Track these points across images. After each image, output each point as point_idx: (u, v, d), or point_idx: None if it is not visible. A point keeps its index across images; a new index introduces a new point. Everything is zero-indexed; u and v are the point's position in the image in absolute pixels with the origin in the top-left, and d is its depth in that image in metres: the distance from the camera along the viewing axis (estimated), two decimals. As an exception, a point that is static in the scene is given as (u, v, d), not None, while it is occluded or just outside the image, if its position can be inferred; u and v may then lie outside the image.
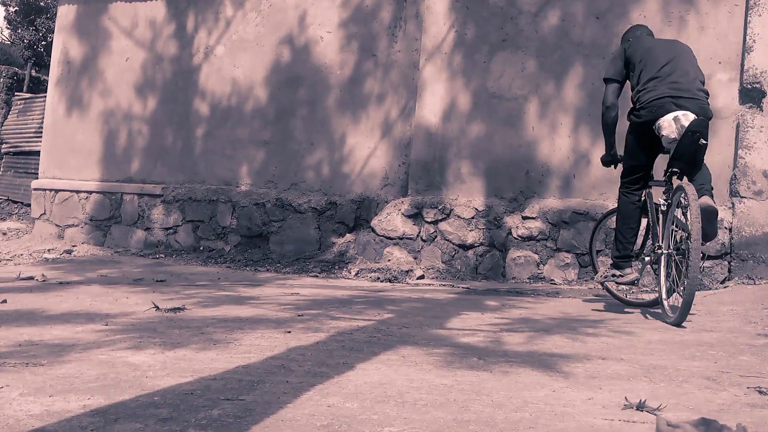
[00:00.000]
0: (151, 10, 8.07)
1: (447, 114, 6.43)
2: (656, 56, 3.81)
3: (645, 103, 3.73)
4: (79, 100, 8.47)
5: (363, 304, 4.39)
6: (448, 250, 6.24)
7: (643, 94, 3.76)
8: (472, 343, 3.08)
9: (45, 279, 5.42)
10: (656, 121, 3.68)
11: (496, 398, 2.13)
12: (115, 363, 2.50)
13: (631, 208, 4.01)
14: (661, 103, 3.65)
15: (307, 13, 7.24)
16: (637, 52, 3.93)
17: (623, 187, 4.06)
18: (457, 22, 6.43)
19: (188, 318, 3.63)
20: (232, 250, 7.32)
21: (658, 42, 4.03)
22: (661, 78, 3.72)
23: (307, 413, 1.92)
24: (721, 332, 3.51)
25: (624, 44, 4.14)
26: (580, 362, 2.70)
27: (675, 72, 3.70)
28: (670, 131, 3.65)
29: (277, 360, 2.62)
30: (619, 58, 4.04)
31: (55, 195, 8.55)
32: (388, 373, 2.45)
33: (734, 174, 5.45)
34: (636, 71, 3.87)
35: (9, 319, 3.47)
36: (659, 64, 3.77)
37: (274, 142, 7.32)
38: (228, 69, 7.60)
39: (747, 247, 5.34)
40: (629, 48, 4.01)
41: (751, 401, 2.14)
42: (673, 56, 3.79)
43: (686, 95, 3.64)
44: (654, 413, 1.96)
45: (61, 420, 1.82)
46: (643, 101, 3.74)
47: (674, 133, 3.64)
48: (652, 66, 3.78)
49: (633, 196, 4.03)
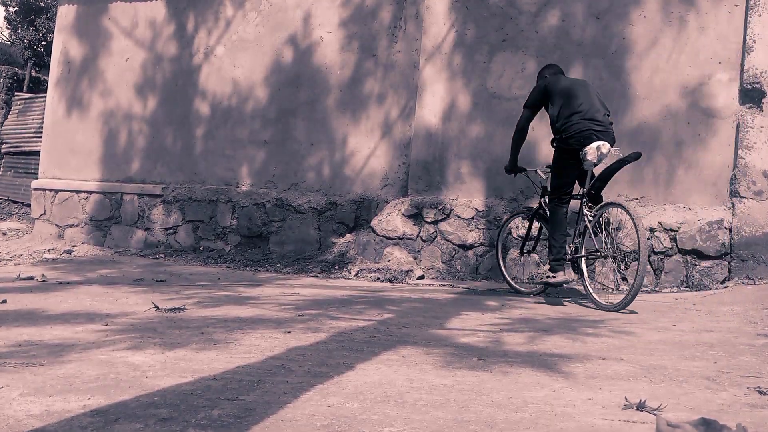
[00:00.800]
0: (151, 10, 8.07)
1: (447, 114, 6.43)
2: (574, 94, 4.63)
3: (574, 133, 4.54)
4: (79, 100, 8.47)
5: (363, 304, 4.39)
6: (448, 250, 6.24)
7: (569, 126, 4.56)
8: (472, 343, 3.08)
9: (45, 279, 5.42)
10: (583, 148, 4.52)
11: (496, 398, 2.13)
12: (115, 363, 2.50)
13: (562, 218, 4.74)
14: (587, 135, 4.51)
15: (307, 13, 7.24)
16: (556, 88, 4.73)
17: (554, 200, 4.75)
18: (457, 22, 6.43)
19: (188, 318, 3.63)
20: (232, 250, 7.32)
21: (571, 81, 4.84)
22: (582, 113, 4.55)
23: (307, 413, 1.92)
24: (721, 332, 3.51)
25: (542, 80, 4.92)
26: (580, 362, 2.70)
27: (591, 109, 4.56)
28: (593, 157, 4.53)
29: (277, 360, 2.62)
30: (539, 93, 4.84)
31: (55, 195, 8.56)
32: (388, 373, 2.45)
33: (734, 174, 5.45)
34: (556, 105, 4.68)
35: (9, 319, 3.47)
36: (578, 101, 4.59)
37: (274, 142, 7.32)
38: (228, 69, 7.60)
39: (747, 247, 5.34)
40: (549, 84, 4.79)
41: (751, 401, 2.14)
42: (586, 94, 4.64)
43: (603, 129, 4.55)
44: (654, 413, 1.96)
45: (61, 420, 1.82)
46: (571, 132, 4.55)
47: (595, 158, 4.53)
48: (572, 102, 4.60)
49: (563, 208, 4.76)
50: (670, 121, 5.71)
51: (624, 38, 5.86)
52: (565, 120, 4.58)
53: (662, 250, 5.60)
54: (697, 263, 5.50)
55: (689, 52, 5.66)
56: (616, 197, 5.90)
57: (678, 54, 5.70)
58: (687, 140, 5.66)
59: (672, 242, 5.58)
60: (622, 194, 5.83)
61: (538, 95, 4.83)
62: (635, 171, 5.81)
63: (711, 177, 5.57)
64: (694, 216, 5.56)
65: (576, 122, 4.53)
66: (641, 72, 5.80)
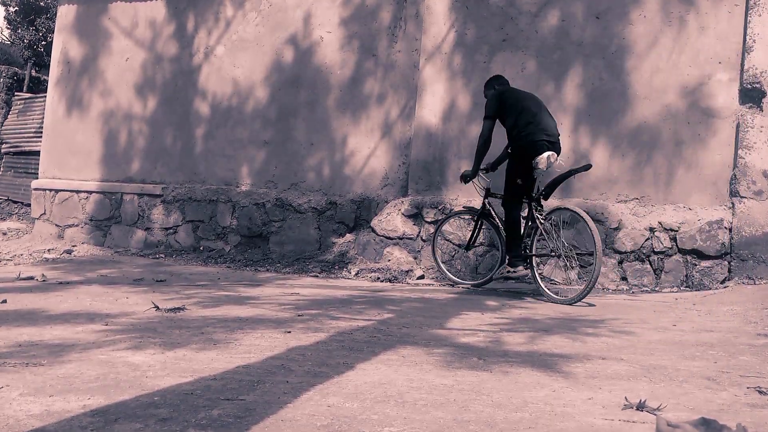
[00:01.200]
0: (151, 10, 8.07)
1: (447, 114, 6.43)
2: (528, 106, 5.04)
3: (530, 143, 4.93)
4: (79, 100, 8.47)
5: (363, 304, 4.39)
6: (448, 250, 6.23)
7: (526, 135, 4.94)
8: (472, 343, 3.08)
9: (45, 279, 5.42)
10: (536, 157, 4.92)
11: (496, 398, 2.13)
12: (115, 363, 2.50)
13: (518, 218, 5.12)
14: (541, 145, 4.90)
15: (307, 13, 7.24)
16: (510, 99, 5.11)
17: (510, 203, 5.12)
18: (457, 22, 6.43)
19: (188, 318, 3.63)
20: (232, 250, 7.32)
21: (524, 93, 5.27)
22: (536, 124, 4.95)
23: (307, 413, 1.92)
24: (721, 332, 3.51)
25: (494, 91, 5.25)
26: (580, 362, 2.70)
27: (543, 121, 4.99)
28: (543, 165, 4.95)
29: (277, 360, 2.62)
30: (497, 102, 5.13)
31: (55, 195, 8.56)
32: (388, 373, 2.45)
33: (734, 174, 5.45)
34: (512, 115, 5.05)
35: (9, 319, 3.47)
36: (532, 112, 5.00)
37: (274, 142, 7.32)
38: (228, 69, 7.60)
39: (747, 247, 5.34)
40: (504, 95, 5.16)
41: (751, 401, 2.14)
42: (538, 106, 5.09)
43: (554, 140, 4.99)
44: (654, 413, 1.96)
45: (61, 420, 1.82)
46: (527, 141, 4.93)
47: (545, 167, 4.95)
48: (527, 113, 4.99)
49: (518, 209, 5.13)
50: (670, 121, 5.71)
51: (624, 38, 5.86)
52: (523, 129, 4.97)
53: (662, 249, 5.61)
54: (697, 263, 5.50)
55: (689, 52, 5.66)
56: (616, 196, 5.91)
57: (678, 54, 5.70)
58: (687, 140, 5.66)
59: (672, 242, 5.58)
60: (622, 194, 5.83)
61: (497, 105, 5.13)
62: (635, 171, 5.81)
63: (711, 177, 5.57)
64: (694, 216, 5.56)
65: (532, 132, 4.93)
66: (641, 72, 5.80)
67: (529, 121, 4.96)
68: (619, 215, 5.78)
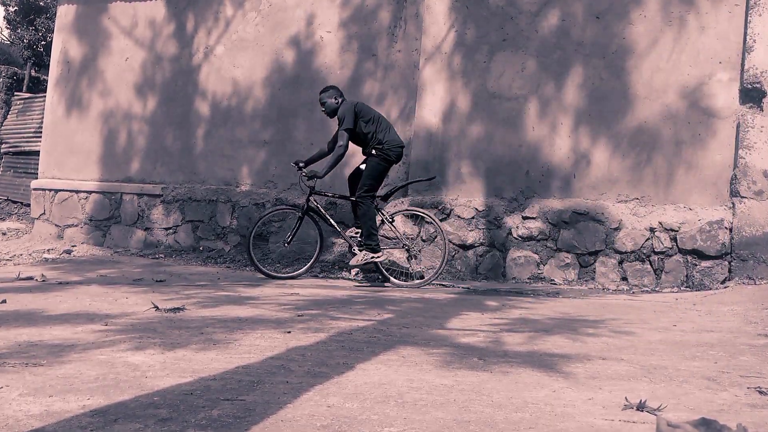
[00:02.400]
0: (151, 9, 8.07)
1: (447, 114, 6.43)
2: (378, 117, 5.75)
3: (393, 149, 5.65)
4: (78, 100, 8.47)
5: (363, 304, 4.39)
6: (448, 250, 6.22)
7: (387, 143, 5.63)
8: (472, 343, 3.07)
9: (44, 279, 5.41)
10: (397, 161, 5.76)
11: (497, 398, 2.13)
12: (114, 363, 2.50)
13: (374, 212, 5.70)
14: (399, 151, 5.70)
15: (307, 13, 7.24)
16: (362, 111, 5.69)
17: (368, 199, 5.65)
18: (457, 22, 6.43)
19: (188, 318, 3.62)
20: (232, 250, 7.32)
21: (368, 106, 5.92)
22: (391, 133, 5.70)
23: (307, 413, 1.92)
24: (722, 332, 3.51)
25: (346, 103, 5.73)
26: (580, 362, 2.70)
27: (393, 129, 5.79)
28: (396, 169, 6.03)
29: (276, 360, 2.61)
30: (353, 114, 5.63)
31: (55, 195, 8.55)
32: (388, 373, 2.45)
33: (734, 174, 5.44)
34: (371, 123, 5.67)
35: (8, 319, 3.47)
36: (384, 122, 5.75)
37: (274, 142, 7.31)
38: (228, 69, 7.60)
39: (747, 247, 5.34)
40: (357, 106, 5.69)
41: (752, 401, 2.14)
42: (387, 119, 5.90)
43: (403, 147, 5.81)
44: (654, 413, 1.96)
45: (61, 420, 1.81)
46: (390, 147, 5.63)
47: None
48: (383, 123, 5.72)
49: (374, 204, 5.71)
50: (671, 120, 5.70)
51: (624, 38, 5.86)
52: (385, 135, 5.64)
53: (662, 250, 5.60)
54: (698, 263, 5.50)
55: (689, 52, 5.66)
56: (616, 196, 5.90)
57: (678, 54, 5.69)
58: (687, 140, 5.66)
59: (672, 242, 5.58)
60: (622, 194, 5.83)
61: (354, 116, 5.62)
62: (635, 171, 5.81)
63: (711, 177, 5.57)
64: (694, 216, 5.55)
65: (392, 139, 5.67)
66: (641, 72, 5.80)
67: (387, 129, 5.69)
68: (619, 215, 5.78)
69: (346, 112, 5.62)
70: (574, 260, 5.88)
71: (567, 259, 5.90)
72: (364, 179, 5.68)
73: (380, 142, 5.63)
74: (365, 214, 5.64)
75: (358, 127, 5.66)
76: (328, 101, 5.76)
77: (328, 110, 5.78)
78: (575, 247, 5.89)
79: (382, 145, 5.63)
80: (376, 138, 5.65)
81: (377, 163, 5.66)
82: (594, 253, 5.82)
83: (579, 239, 5.87)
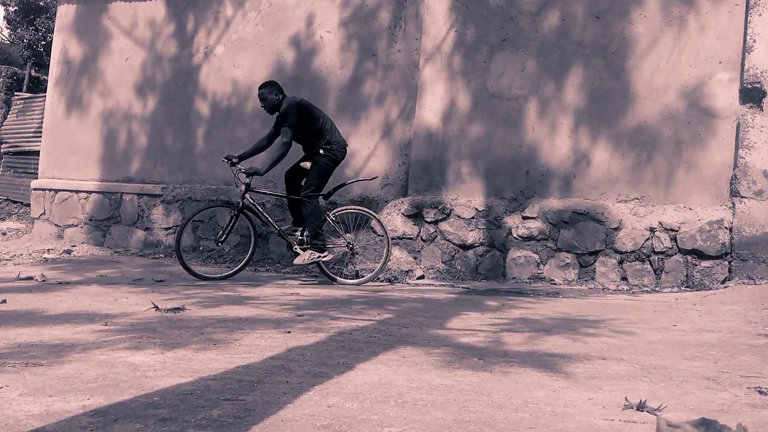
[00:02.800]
0: (151, 9, 8.07)
1: (447, 114, 6.43)
2: (325, 116, 5.72)
3: (340, 149, 5.67)
4: (78, 100, 8.46)
5: (363, 304, 4.39)
6: (448, 250, 6.23)
7: (336, 143, 5.64)
8: (472, 343, 3.07)
9: (44, 279, 5.41)
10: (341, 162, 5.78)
11: (497, 398, 2.13)
12: (114, 363, 2.50)
13: (320, 210, 5.67)
14: (344, 152, 5.73)
15: (307, 13, 7.24)
16: (308, 109, 5.62)
17: (314, 198, 5.62)
18: (457, 22, 6.43)
19: (188, 318, 3.62)
20: (232, 250, 7.31)
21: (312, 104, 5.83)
22: (337, 134, 5.71)
23: (307, 413, 1.92)
24: (722, 332, 3.51)
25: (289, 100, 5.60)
26: (580, 362, 2.70)
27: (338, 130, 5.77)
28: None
29: (277, 360, 2.62)
30: (298, 113, 5.54)
31: (55, 195, 8.55)
32: (388, 373, 2.45)
33: (734, 174, 5.44)
34: (318, 121, 5.62)
35: (8, 319, 3.47)
36: (330, 122, 5.73)
37: (273, 142, 7.31)
38: (228, 69, 7.60)
39: (747, 247, 5.34)
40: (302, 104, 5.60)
41: (752, 401, 2.14)
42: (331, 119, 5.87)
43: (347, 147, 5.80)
44: (654, 413, 1.96)
45: (61, 420, 1.81)
46: (338, 147, 5.65)
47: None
48: (327, 123, 5.68)
49: (319, 203, 5.70)
50: (671, 120, 5.70)
51: (624, 38, 5.86)
52: (333, 135, 5.64)
53: (662, 250, 5.60)
54: (698, 263, 5.50)
55: (689, 52, 5.66)
56: (616, 196, 5.90)
57: (678, 54, 5.69)
58: (687, 140, 5.66)
59: (672, 242, 5.58)
60: (622, 194, 5.83)
61: (298, 114, 5.54)
62: (635, 171, 5.81)
63: (711, 177, 5.57)
64: (694, 216, 5.55)
65: (339, 140, 5.68)
66: (641, 72, 5.80)
67: (330, 129, 5.67)
68: (619, 215, 5.78)
69: (291, 110, 5.52)
70: (574, 260, 5.88)
71: (567, 259, 5.90)
72: (312, 179, 5.61)
73: (329, 142, 5.61)
74: (312, 214, 5.59)
75: (305, 126, 5.58)
76: (269, 97, 5.64)
77: (268, 106, 5.65)
78: (575, 247, 5.89)
79: (330, 145, 5.61)
80: (325, 138, 5.61)
81: (326, 162, 5.63)
82: (594, 253, 5.82)
83: (579, 239, 5.87)
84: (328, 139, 5.62)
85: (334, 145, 5.62)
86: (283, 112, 5.57)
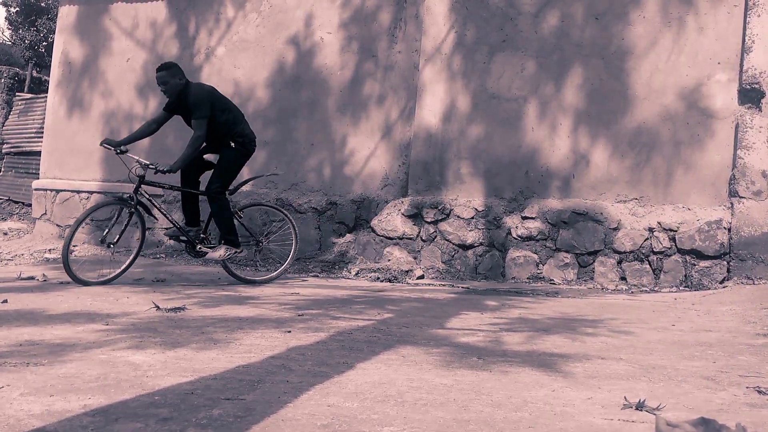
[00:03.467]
0: (152, 10, 8.08)
1: (447, 115, 6.44)
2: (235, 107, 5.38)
3: (251, 142, 5.33)
4: (80, 101, 8.48)
5: (363, 304, 4.40)
6: (447, 250, 6.24)
7: (248, 135, 5.31)
8: (472, 343, 3.08)
9: (46, 279, 5.42)
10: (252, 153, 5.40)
11: (496, 398, 2.14)
12: (115, 363, 2.51)
13: (230, 206, 5.41)
14: (255, 145, 5.40)
15: (307, 14, 7.25)
16: (220, 99, 5.26)
17: (225, 193, 5.34)
18: (456, 23, 6.44)
19: (188, 318, 3.63)
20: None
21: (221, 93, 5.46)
22: (248, 126, 5.37)
23: (307, 413, 1.93)
24: (720, 332, 3.52)
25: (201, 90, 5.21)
26: (579, 362, 2.71)
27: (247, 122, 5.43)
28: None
29: (277, 359, 2.62)
30: (209, 102, 5.13)
31: (56, 195, 8.56)
32: (388, 372, 2.46)
33: (733, 174, 5.45)
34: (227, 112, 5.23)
35: (10, 318, 3.48)
36: (240, 113, 5.37)
37: (274, 142, 7.32)
38: (229, 70, 7.61)
39: (746, 247, 5.35)
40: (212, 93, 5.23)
41: (751, 401, 2.15)
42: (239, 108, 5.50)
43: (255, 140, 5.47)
44: (653, 413, 1.97)
45: (62, 420, 1.82)
46: (249, 140, 5.31)
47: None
48: (237, 114, 5.32)
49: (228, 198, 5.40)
50: (669, 121, 5.71)
51: (623, 39, 5.87)
52: (243, 127, 5.30)
53: (661, 250, 5.61)
54: (696, 263, 5.50)
55: (688, 53, 5.67)
56: (615, 196, 5.90)
57: (677, 54, 5.70)
58: (686, 140, 5.66)
59: (671, 242, 5.59)
60: (621, 194, 5.84)
61: (209, 104, 5.12)
62: (634, 171, 5.82)
63: (710, 177, 5.58)
64: (693, 216, 5.56)
65: (250, 132, 5.35)
66: (640, 72, 5.81)
67: (241, 120, 5.33)
68: (618, 215, 5.79)
69: (204, 98, 5.09)
70: (573, 260, 5.89)
71: (566, 259, 5.91)
72: (223, 172, 5.25)
73: (241, 135, 5.24)
74: (224, 209, 5.30)
75: (216, 116, 5.15)
76: (171, 81, 5.08)
77: (170, 91, 5.11)
78: (574, 247, 5.90)
79: (243, 138, 5.25)
80: (236, 129, 5.24)
81: (238, 156, 5.29)
82: (593, 253, 5.83)
83: (578, 239, 5.88)
84: (240, 131, 5.25)
85: (246, 138, 5.28)
86: (195, 100, 5.08)
